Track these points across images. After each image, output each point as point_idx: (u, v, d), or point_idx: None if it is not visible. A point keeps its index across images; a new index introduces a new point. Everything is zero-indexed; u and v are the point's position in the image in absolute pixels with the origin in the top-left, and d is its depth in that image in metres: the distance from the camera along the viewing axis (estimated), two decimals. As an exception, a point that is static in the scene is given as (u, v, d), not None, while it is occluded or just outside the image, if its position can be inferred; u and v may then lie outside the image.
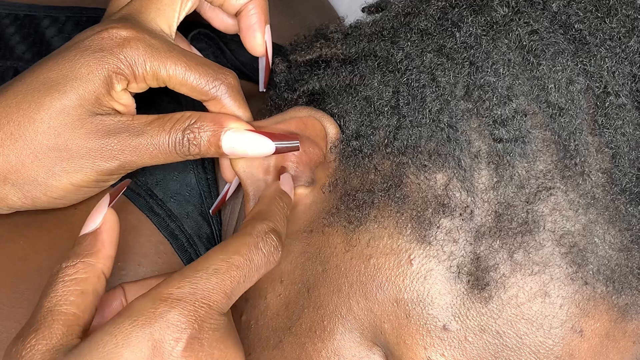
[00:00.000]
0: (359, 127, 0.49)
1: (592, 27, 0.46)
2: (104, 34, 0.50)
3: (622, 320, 0.45)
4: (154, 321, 0.40)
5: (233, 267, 0.42)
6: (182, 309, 0.40)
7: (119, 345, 0.39)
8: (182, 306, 0.40)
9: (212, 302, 0.41)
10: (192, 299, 0.41)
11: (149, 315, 0.40)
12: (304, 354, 0.47)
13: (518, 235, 0.44)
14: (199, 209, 0.57)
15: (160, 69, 0.50)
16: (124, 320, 0.40)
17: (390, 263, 0.46)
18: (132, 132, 0.49)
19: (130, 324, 0.40)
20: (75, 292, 0.43)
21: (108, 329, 0.40)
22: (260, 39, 0.56)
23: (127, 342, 0.39)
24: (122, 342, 0.39)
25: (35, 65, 0.51)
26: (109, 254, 0.45)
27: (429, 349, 0.45)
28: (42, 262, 0.52)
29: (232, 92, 0.51)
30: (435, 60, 0.47)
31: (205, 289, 0.41)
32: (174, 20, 0.53)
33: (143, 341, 0.39)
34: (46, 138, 0.48)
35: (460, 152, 0.45)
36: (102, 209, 0.46)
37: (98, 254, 0.44)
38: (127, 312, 0.40)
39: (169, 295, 0.41)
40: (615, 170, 0.44)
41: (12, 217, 0.52)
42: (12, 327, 0.50)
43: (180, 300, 0.40)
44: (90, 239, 0.45)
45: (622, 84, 0.45)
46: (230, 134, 0.50)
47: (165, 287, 0.41)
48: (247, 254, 0.43)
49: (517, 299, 0.44)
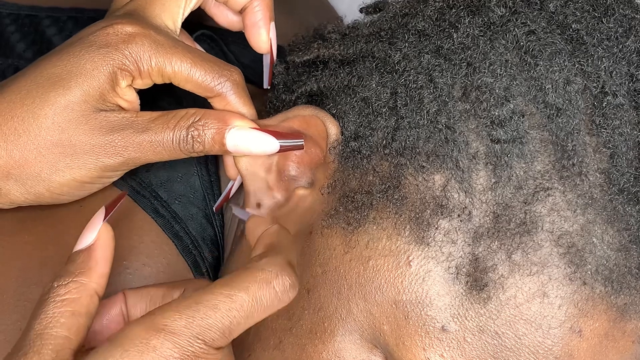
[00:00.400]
0: (358, 128, 0.49)
1: (589, 27, 0.46)
2: (109, 29, 0.49)
3: (621, 320, 0.45)
4: (146, 353, 0.38)
5: (236, 305, 0.40)
6: (175, 343, 0.39)
7: None
8: (175, 340, 0.39)
9: (208, 339, 0.39)
10: (187, 334, 0.39)
11: (141, 347, 0.39)
12: (305, 355, 0.47)
13: (516, 236, 0.44)
14: (203, 211, 0.57)
15: (165, 65, 0.50)
16: (115, 349, 0.39)
17: (389, 264, 0.46)
18: (136, 129, 0.49)
19: (121, 354, 0.39)
20: (66, 314, 0.41)
21: (98, 358, 0.39)
22: (265, 36, 0.55)
23: None
24: None
25: (39, 60, 0.51)
26: (103, 272, 0.43)
27: (428, 350, 0.45)
28: (47, 257, 0.52)
29: (237, 89, 0.51)
30: (433, 61, 0.47)
31: (201, 325, 0.39)
32: (179, 16, 0.53)
33: None
34: (50, 134, 0.48)
35: (458, 153, 0.45)
36: (96, 224, 0.44)
37: (91, 272, 0.43)
38: (119, 340, 0.39)
39: (164, 327, 0.39)
40: (613, 170, 0.44)
41: (18, 211, 0.52)
42: (17, 320, 0.50)
43: (174, 333, 0.39)
44: (84, 256, 0.43)
45: (619, 83, 0.45)
46: (235, 131, 0.49)
47: (160, 316, 0.39)
48: (254, 293, 0.40)
49: (515, 299, 0.44)
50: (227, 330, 0.40)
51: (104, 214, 0.45)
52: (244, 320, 0.40)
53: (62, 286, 0.42)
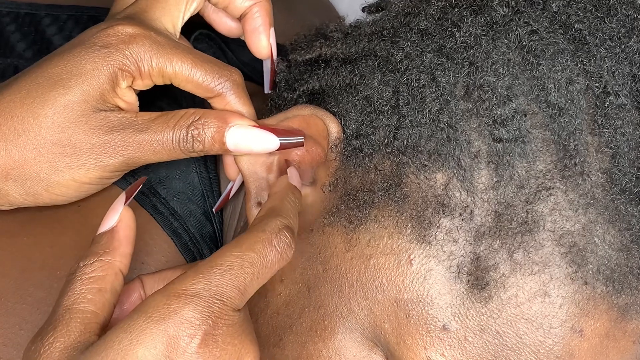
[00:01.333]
0: (359, 127, 0.49)
1: (591, 27, 0.46)
2: (110, 30, 0.50)
3: (622, 320, 0.45)
4: (168, 317, 0.40)
5: (247, 263, 0.42)
6: (196, 305, 0.40)
7: (133, 342, 0.39)
8: (196, 302, 0.40)
9: (226, 299, 0.41)
10: (206, 295, 0.41)
11: (163, 312, 0.40)
12: (305, 353, 0.47)
13: (518, 235, 0.44)
14: (202, 208, 0.57)
15: (166, 66, 0.50)
16: (139, 317, 0.40)
17: (390, 263, 0.46)
18: (136, 129, 0.49)
19: (145, 320, 0.40)
20: (92, 290, 0.43)
21: (123, 326, 0.40)
22: (265, 42, 0.55)
23: (142, 338, 0.39)
24: (136, 338, 0.39)
25: (40, 61, 0.51)
26: (126, 251, 0.45)
27: (429, 349, 0.45)
28: (46, 258, 0.52)
29: (237, 89, 0.51)
30: (435, 60, 0.47)
31: (219, 285, 0.41)
32: (179, 20, 0.53)
33: (157, 337, 0.39)
34: (50, 133, 0.48)
35: (460, 152, 0.45)
36: (118, 208, 0.46)
37: (115, 252, 0.44)
38: (141, 307, 0.40)
39: (183, 292, 0.41)
40: (615, 170, 0.44)
41: (17, 213, 0.52)
42: (16, 323, 0.50)
43: (194, 296, 0.40)
44: (107, 237, 0.45)
45: (621, 84, 0.45)
46: (235, 130, 0.50)
47: (179, 283, 0.41)
48: (261, 251, 0.43)
49: (516, 298, 0.44)
50: (242, 288, 0.42)
51: (125, 199, 0.46)
52: (256, 279, 0.43)
53: (88, 265, 0.44)
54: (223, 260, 0.42)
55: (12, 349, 0.49)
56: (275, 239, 0.43)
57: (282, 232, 0.44)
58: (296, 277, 0.49)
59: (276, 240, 0.43)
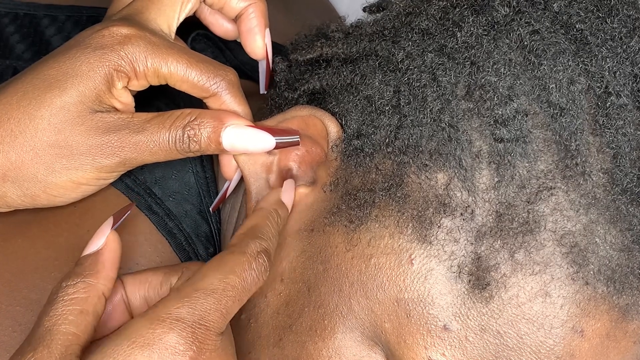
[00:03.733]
0: (360, 126, 0.49)
1: (593, 27, 0.46)
2: (105, 31, 0.50)
3: (623, 320, 0.45)
4: (153, 343, 0.40)
5: (229, 287, 0.42)
6: (180, 330, 0.40)
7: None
8: (180, 327, 0.40)
9: (210, 323, 0.41)
10: (190, 320, 0.41)
11: (147, 337, 0.40)
12: (305, 353, 0.47)
13: (519, 235, 0.44)
14: (198, 208, 0.57)
15: (161, 66, 0.50)
16: (122, 342, 0.40)
17: (391, 263, 0.46)
18: (132, 129, 0.49)
19: (129, 345, 0.40)
20: (74, 312, 0.42)
21: (106, 351, 0.40)
22: (260, 42, 0.56)
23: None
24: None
25: (36, 63, 0.51)
26: (110, 275, 0.45)
27: (430, 349, 0.45)
28: (41, 260, 0.52)
29: (233, 88, 0.51)
30: (437, 60, 0.47)
31: (202, 309, 0.41)
32: (174, 21, 0.53)
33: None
34: (46, 135, 0.48)
35: (461, 152, 0.45)
36: (105, 231, 0.46)
37: (99, 274, 0.44)
38: (125, 332, 0.40)
39: (168, 316, 0.41)
40: (617, 170, 0.44)
41: (12, 215, 0.52)
42: (9, 325, 0.50)
43: (179, 321, 0.41)
44: (92, 259, 0.45)
45: (623, 84, 0.45)
46: (230, 130, 0.50)
47: (162, 307, 0.41)
48: (241, 274, 0.43)
49: (517, 298, 0.44)
50: (225, 312, 0.42)
51: (112, 223, 0.46)
52: (237, 302, 0.43)
53: (71, 286, 0.43)
54: (206, 284, 0.42)
55: (5, 351, 0.49)
56: (254, 262, 0.44)
57: (260, 255, 0.45)
58: (296, 277, 0.49)
59: (255, 264, 0.44)
